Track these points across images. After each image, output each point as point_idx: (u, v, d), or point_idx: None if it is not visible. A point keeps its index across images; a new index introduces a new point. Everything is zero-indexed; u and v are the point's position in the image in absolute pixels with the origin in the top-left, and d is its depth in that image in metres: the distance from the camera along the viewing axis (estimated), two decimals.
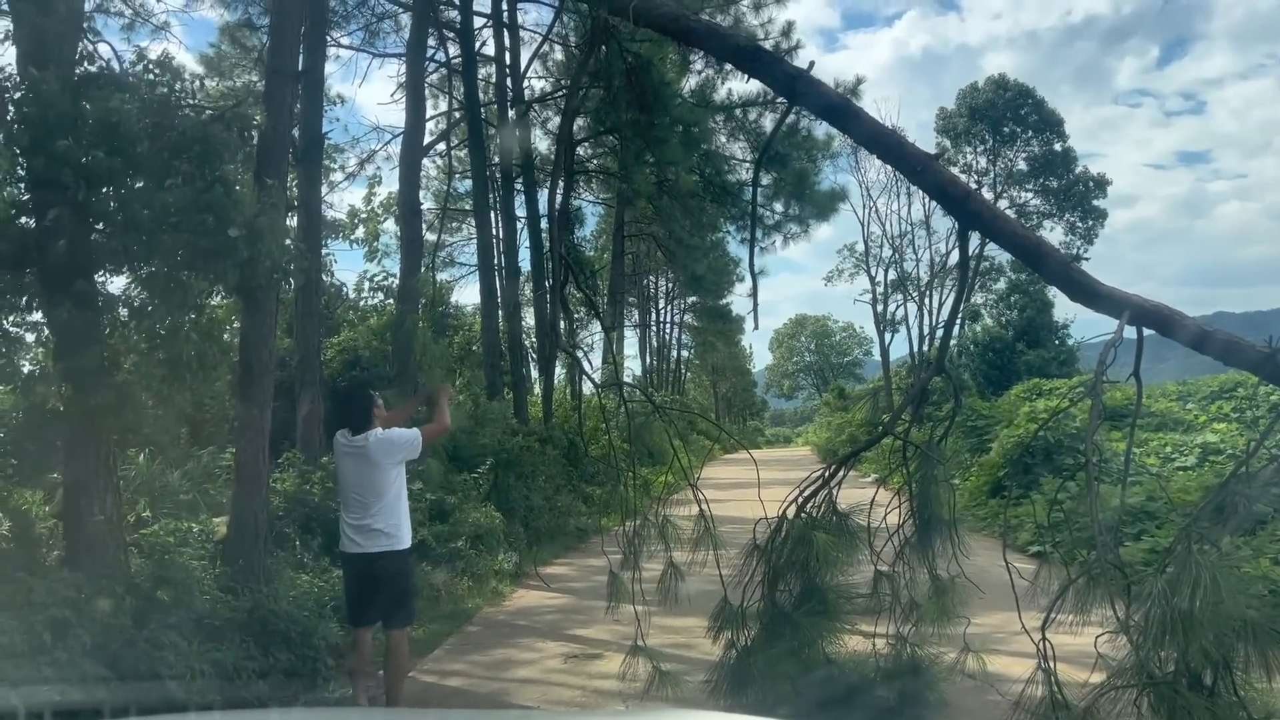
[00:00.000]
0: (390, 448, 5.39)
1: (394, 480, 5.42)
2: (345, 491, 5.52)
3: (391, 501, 5.38)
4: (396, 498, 5.43)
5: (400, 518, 5.44)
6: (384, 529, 5.34)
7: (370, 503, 5.35)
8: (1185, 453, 14.23)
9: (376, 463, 5.34)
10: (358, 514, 5.38)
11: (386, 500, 5.35)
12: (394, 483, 5.41)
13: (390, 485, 5.39)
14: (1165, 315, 3.48)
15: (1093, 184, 41.69)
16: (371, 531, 5.33)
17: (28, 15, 6.26)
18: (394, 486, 5.41)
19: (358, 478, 5.40)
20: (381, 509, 5.33)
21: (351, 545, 5.45)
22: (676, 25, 4.19)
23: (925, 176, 3.77)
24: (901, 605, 3.73)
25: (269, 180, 7.28)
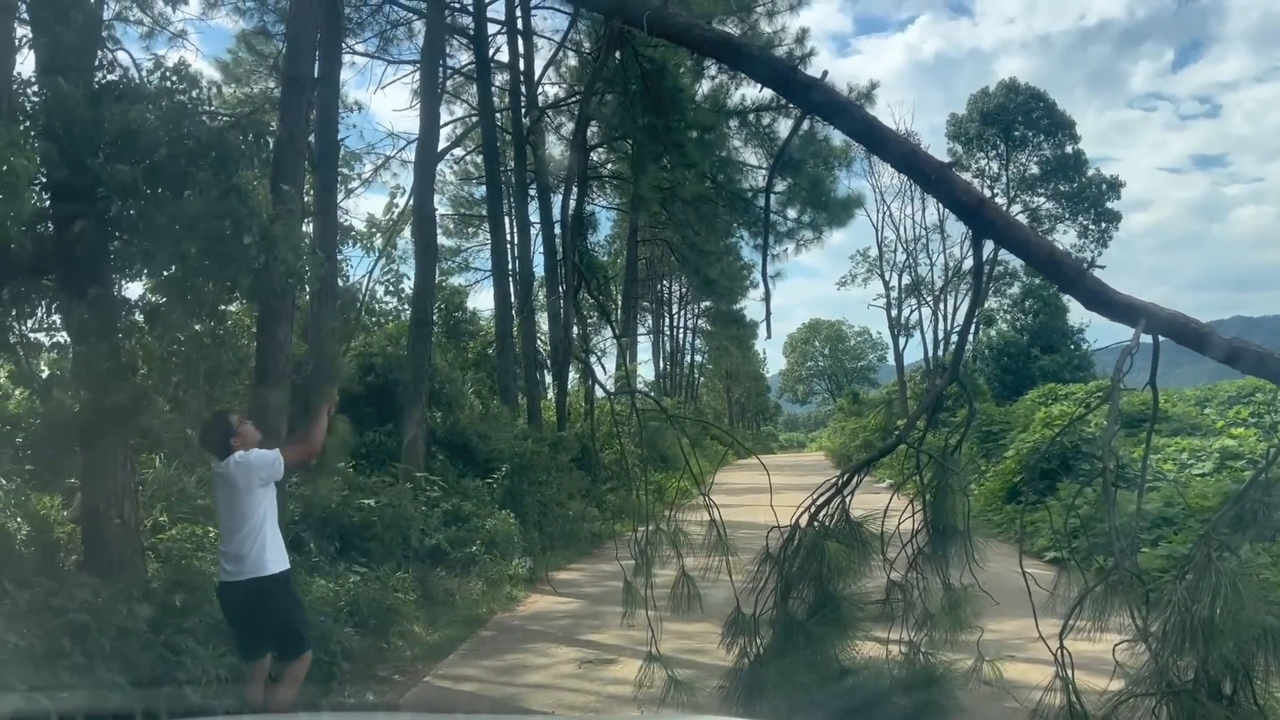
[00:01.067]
0: (247, 470, 5.19)
1: (258, 503, 5.21)
2: (219, 519, 5.47)
3: (256, 525, 5.18)
4: (263, 520, 5.22)
5: (265, 542, 5.19)
6: (249, 554, 5.13)
7: (236, 527, 5.18)
8: (1203, 458, 14.12)
9: (237, 486, 5.18)
10: (225, 539, 5.27)
11: (250, 524, 5.16)
12: (258, 506, 5.21)
13: (254, 509, 5.19)
14: (1181, 323, 3.46)
15: (1105, 186, 41.45)
16: (239, 557, 5.14)
17: (47, 24, 6.33)
18: (258, 510, 5.21)
19: (226, 504, 5.26)
20: (246, 533, 5.14)
21: (224, 573, 5.26)
22: (689, 35, 4.20)
23: (938, 184, 3.75)
24: (915, 614, 3.71)
25: (285, 187, 7.33)
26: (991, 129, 41.09)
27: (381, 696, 6.47)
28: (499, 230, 18.96)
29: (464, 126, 22.88)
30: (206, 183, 6.04)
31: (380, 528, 9.24)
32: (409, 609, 8.11)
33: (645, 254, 37.60)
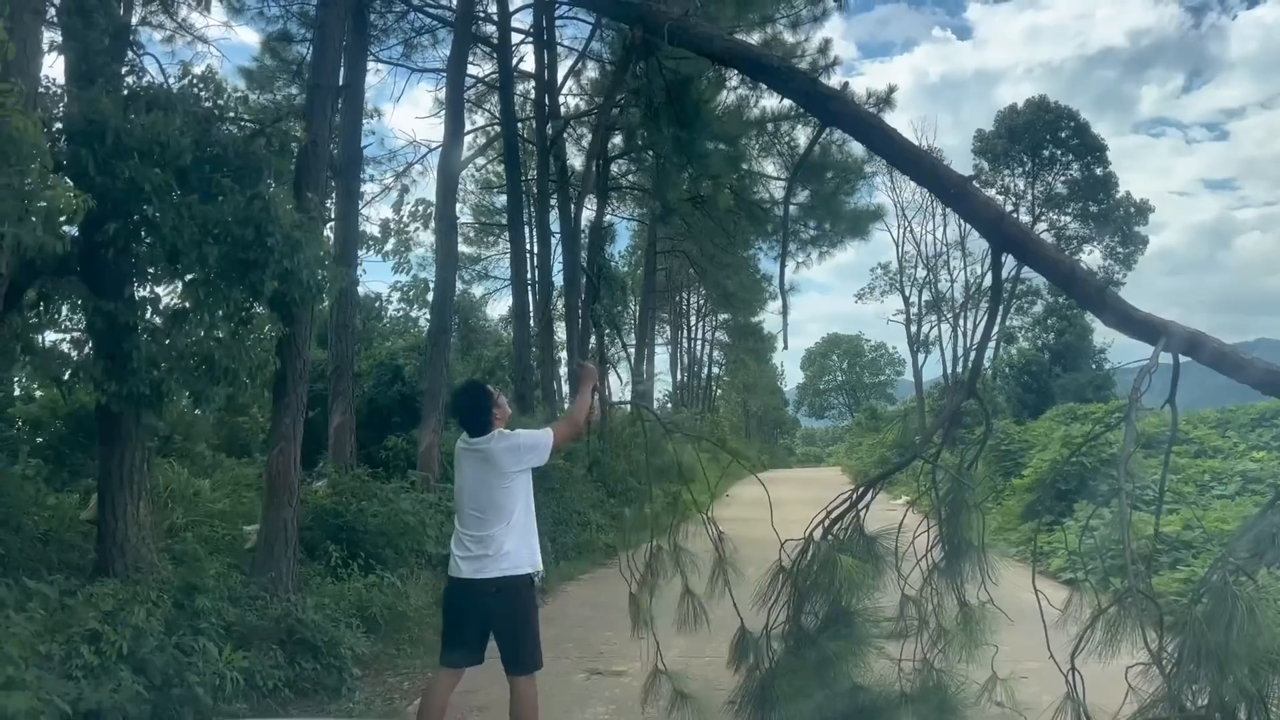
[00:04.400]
0: (515, 451, 4.64)
1: (519, 491, 4.67)
2: (462, 504, 4.76)
3: (515, 516, 4.63)
4: (523, 511, 4.69)
5: (522, 537, 4.65)
6: (502, 549, 4.56)
7: (490, 518, 4.61)
8: (1224, 481, 13.97)
9: (499, 469, 4.62)
10: (471, 530, 4.65)
11: (509, 515, 4.61)
12: (519, 494, 4.67)
13: (514, 497, 4.64)
14: (1201, 343, 3.43)
15: (1134, 209, 41.22)
16: (486, 554, 4.56)
17: (76, 29, 6.42)
18: (519, 498, 4.67)
19: (478, 488, 4.67)
20: (502, 526, 4.58)
21: (459, 568, 4.65)
22: (710, 46, 4.21)
23: (959, 199, 3.74)
24: (929, 631, 3.68)
25: (308, 194, 7.40)
26: (1018, 146, 40.97)
27: (390, 703, 6.47)
28: (519, 239, 19.02)
29: (485, 136, 23.00)
30: (231, 189, 6.12)
31: (394, 534, 9.26)
32: (421, 615, 8.12)
33: (664, 265, 37.64)
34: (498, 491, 4.61)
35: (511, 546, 4.57)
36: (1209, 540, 9.79)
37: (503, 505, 4.60)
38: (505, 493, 4.62)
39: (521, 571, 4.61)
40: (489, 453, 4.64)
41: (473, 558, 4.59)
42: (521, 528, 4.65)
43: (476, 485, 4.67)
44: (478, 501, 4.66)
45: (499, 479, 4.62)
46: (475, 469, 4.69)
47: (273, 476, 7.55)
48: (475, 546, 4.60)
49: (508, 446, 4.63)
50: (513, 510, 4.62)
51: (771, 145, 21.04)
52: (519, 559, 4.60)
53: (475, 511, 4.66)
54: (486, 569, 4.54)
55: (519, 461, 4.65)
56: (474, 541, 4.61)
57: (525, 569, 4.64)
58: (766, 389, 67.68)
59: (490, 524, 4.59)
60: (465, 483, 4.74)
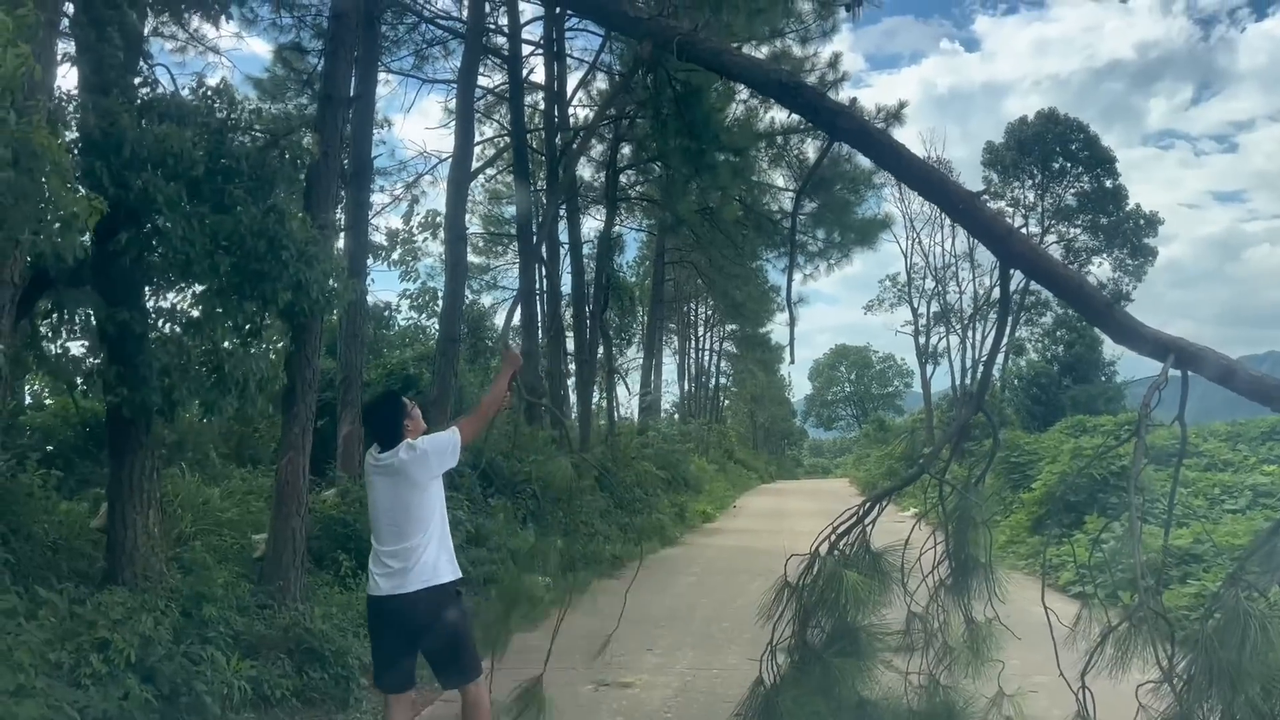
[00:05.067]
0: (424, 459, 4.52)
1: (434, 500, 4.60)
2: (378, 520, 4.65)
3: (433, 526, 4.56)
4: (440, 520, 4.62)
5: (440, 545, 4.58)
6: (422, 561, 4.47)
7: (407, 531, 4.51)
8: (1235, 495, 13.91)
9: (410, 480, 4.51)
10: (387, 544, 4.55)
11: (426, 526, 4.52)
12: (434, 503, 4.60)
13: (430, 507, 4.57)
14: (1211, 359, 3.42)
15: (1143, 221, 41.12)
16: (407, 567, 4.47)
17: (90, 40, 6.47)
18: (435, 508, 4.60)
19: (391, 502, 4.57)
20: (420, 537, 4.49)
21: (382, 585, 4.53)
22: (719, 60, 4.23)
23: (966, 214, 3.74)
24: (935, 648, 3.67)
25: (320, 207, 7.44)
26: (1028, 158, 40.92)
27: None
28: (528, 249, 19.07)
29: (494, 146, 23.09)
30: (244, 200, 6.15)
31: None
32: None
33: (672, 276, 37.69)
34: (413, 503, 4.53)
35: (430, 557, 4.50)
36: (1219, 555, 9.75)
37: (419, 516, 4.52)
38: (420, 504, 4.54)
39: (444, 580, 4.55)
40: (399, 465, 4.53)
41: (392, 573, 4.49)
42: (439, 536, 4.59)
43: (391, 500, 4.57)
44: (393, 516, 4.56)
45: (411, 490, 4.53)
46: (387, 484, 4.59)
47: (281, 485, 7.57)
48: (394, 561, 4.50)
49: (416, 456, 4.52)
50: (430, 520, 4.55)
51: (781, 157, 21.07)
52: (440, 568, 4.54)
53: (392, 526, 4.55)
54: (408, 583, 4.46)
55: (429, 469, 4.56)
56: (392, 557, 4.51)
57: (447, 577, 4.58)
58: (774, 400, 67.69)
59: (408, 536, 4.50)
60: (379, 499, 4.64)
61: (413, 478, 4.52)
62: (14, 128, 4.35)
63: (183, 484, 8.86)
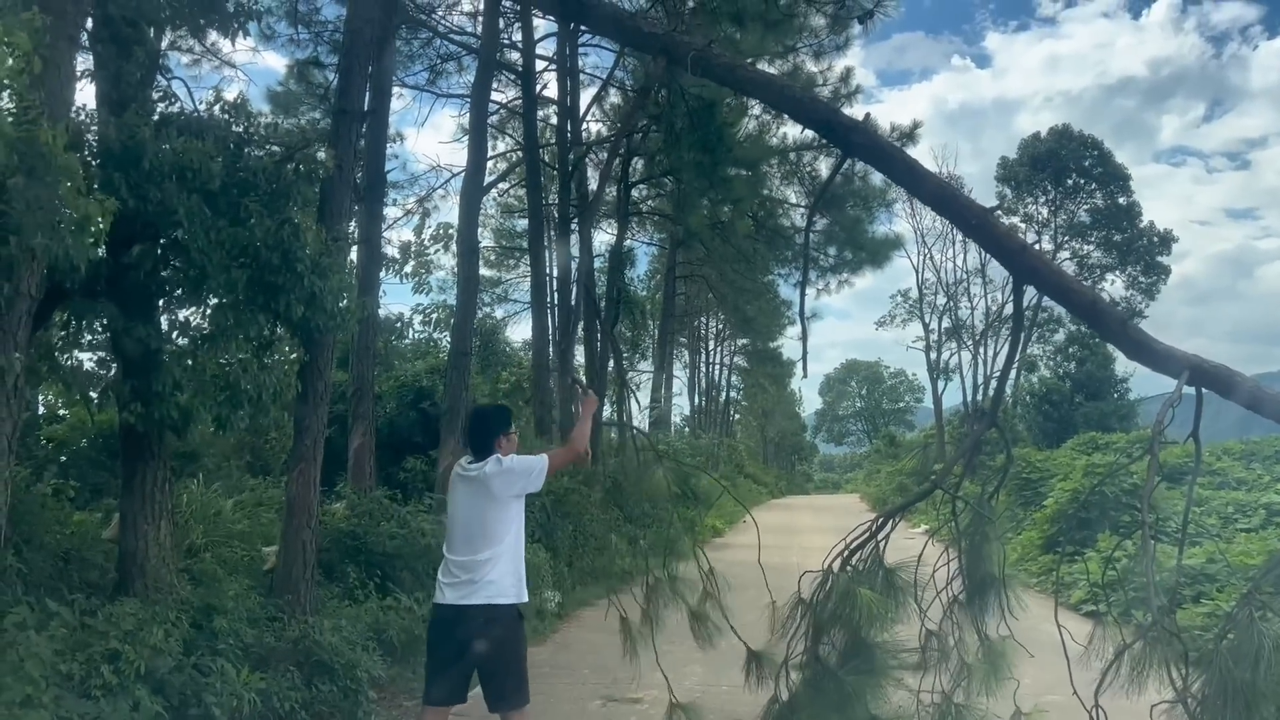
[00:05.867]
0: (509, 477, 4.59)
1: (512, 518, 4.64)
2: (453, 530, 4.73)
3: (506, 544, 4.58)
4: (515, 539, 4.65)
5: (511, 565, 4.61)
6: (489, 576, 4.50)
7: (480, 544, 4.55)
8: (1249, 513, 13.82)
9: (492, 495, 4.57)
10: (463, 554, 4.59)
11: (500, 542, 4.55)
12: (512, 521, 4.63)
13: (507, 525, 4.60)
14: (1225, 376, 3.40)
15: (1156, 239, 41.02)
16: (474, 580, 4.51)
17: (108, 55, 6.53)
18: (511, 526, 4.63)
19: (470, 513, 4.63)
20: (492, 552, 4.53)
21: (447, 594, 4.60)
22: (733, 76, 4.24)
23: (980, 230, 3.75)
24: (950, 666, 3.65)
25: (334, 220, 7.48)
26: (1042, 174, 40.91)
27: None
28: (539, 263, 19.14)
29: (507, 161, 23.20)
30: (260, 214, 6.20)
31: (412, 556, 9.27)
32: None
33: (683, 290, 37.73)
34: (490, 517, 4.57)
35: (498, 575, 4.52)
36: (1233, 574, 9.68)
37: (494, 532, 4.56)
38: (497, 519, 4.58)
39: (506, 600, 4.56)
40: (484, 477, 4.59)
41: (459, 584, 4.54)
42: (511, 556, 4.60)
43: (469, 511, 4.64)
44: (469, 528, 4.62)
45: (491, 504, 4.58)
46: (469, 494, 4.65)
47: (292, 498, 7.58)
48: (462, 573, 4.54)
49: (502, 471, 4.59)
50: (504, 537, 4.58)
51: (794, 173, 21.13)
52: (504, 588, 4.55)
53: (465, 537, 4.61)
54: (472, 595, 4.50)
55: (512, 486, 4.61)
56: (461, 568, 4.56)
57: (510, 599, 4.58)
58: (785, 414, 67.57)
59: (479, 550, 4.54)
60: (458, 509, 4.71)
61: (494, 492, 4.57)
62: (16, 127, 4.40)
63: (194, 495, 8.89)
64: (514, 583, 4.60)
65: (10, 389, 5.16)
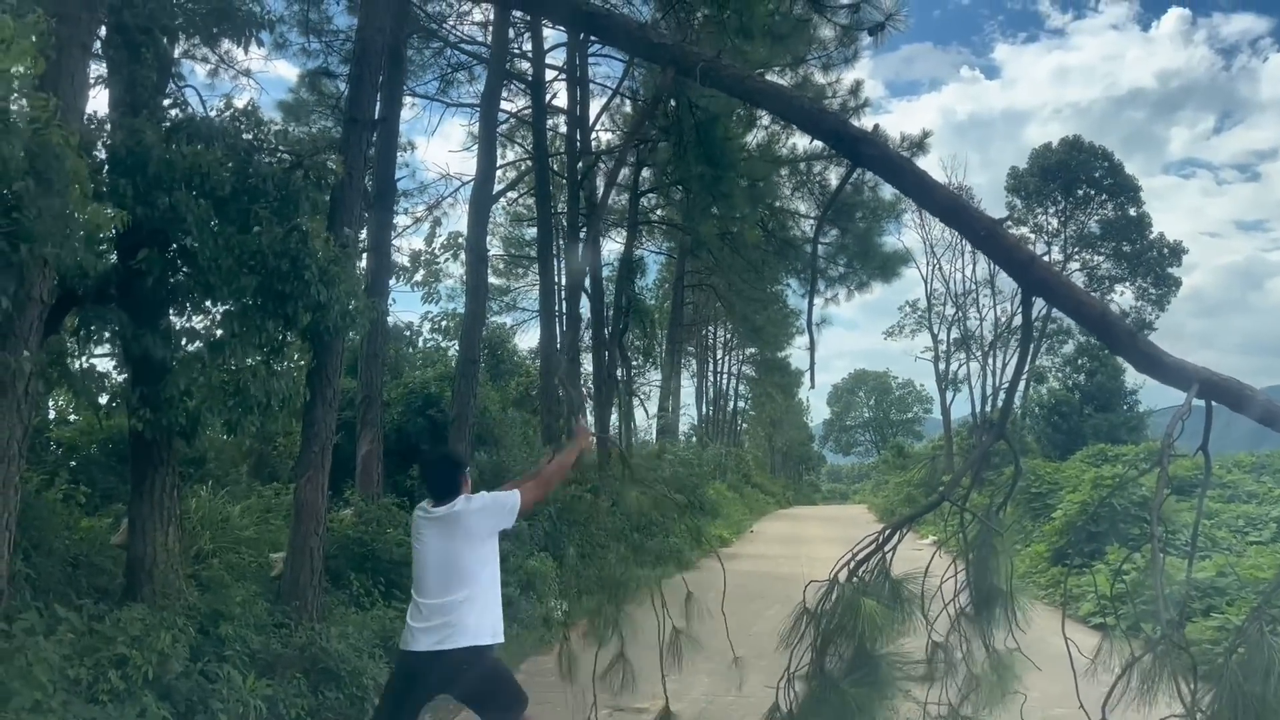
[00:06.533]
0: (480, 515, 4.47)
1: (487, 558, 4.50)
2: (424, 573, 4.52)
3: (481, 584, 4.44)
4: (490, 578, 4.51)
5: (487, 605, 4.45)
6: (464, 620, 4.34)
7: (453, 585, 4.38)
8: (1259, 526, 13.75)
9: (466, 534, 4.44)
10: (430, 598, 4.41)
11: (474, 583, 4.40)
12: (487, 560, 4.49)
13: (481, 564, 4.46)
14: (1235, 389, 3.39)
15: (1166, 250, 40.90)
16: (448, 623, 4.34)
17: (122, 62, 6.58)
18: (486, 565, 4.49)
19: (440, 556, 4.46)
20: (467, 594, 4.36)
21: (416, 639, 4.39)
22: (742, 87, 4.25)
23: (989, 241, 3.74)
24: (956, 677, 3.63)
25: (344, 227, 7.51)
26: (1052, 184, 40.84)
27: None
28: (548, 271, 19.18)
29: (516, 170, 23.27)
30: (269, 221, 6.22)
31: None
32: None
33: (691, 299, 37.75)
34: (465, 557, 4.42)
35: (476, 616, 4.38)
36: (1243, 588, 9.63)
37: (470, 571, 4.41)
38: (473, 558, 4.44)
39: (484, 643, 4.41)
40: (455, 517, 4.46)
41: (434, 628, 4.35)
42: (486, 596, 4.46)
43: (442, 552, 4.46)
44: (443, 569, 4.43)
45: (466, 544, 4.44)
46: (439, 535, 4.49)
47: (300, 504, 7.60)
48: (437, 616, 4.36)
49: (475, 509, 4.48)
50: (480, 576, 4.45)
51: (804, 184, 21.15)
52: (484, 628, 4.41)
53: (440, 580, 4.43)
54: (450, 639, 4.32)
55: (485, 524, 4.49)
56: (436, 611, 4.37)
57: (488, 640, 4.43)
58: (792, 424, 67.45)
59: (455, 591, 4.37)
60: (428, 551, 4.52)
61: (469, 529, 4.45)
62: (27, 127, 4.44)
63: (203, 501, 8.91)
64: (492, 622, 4.47)
65: (21, 394, 5.18)
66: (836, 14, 11.19)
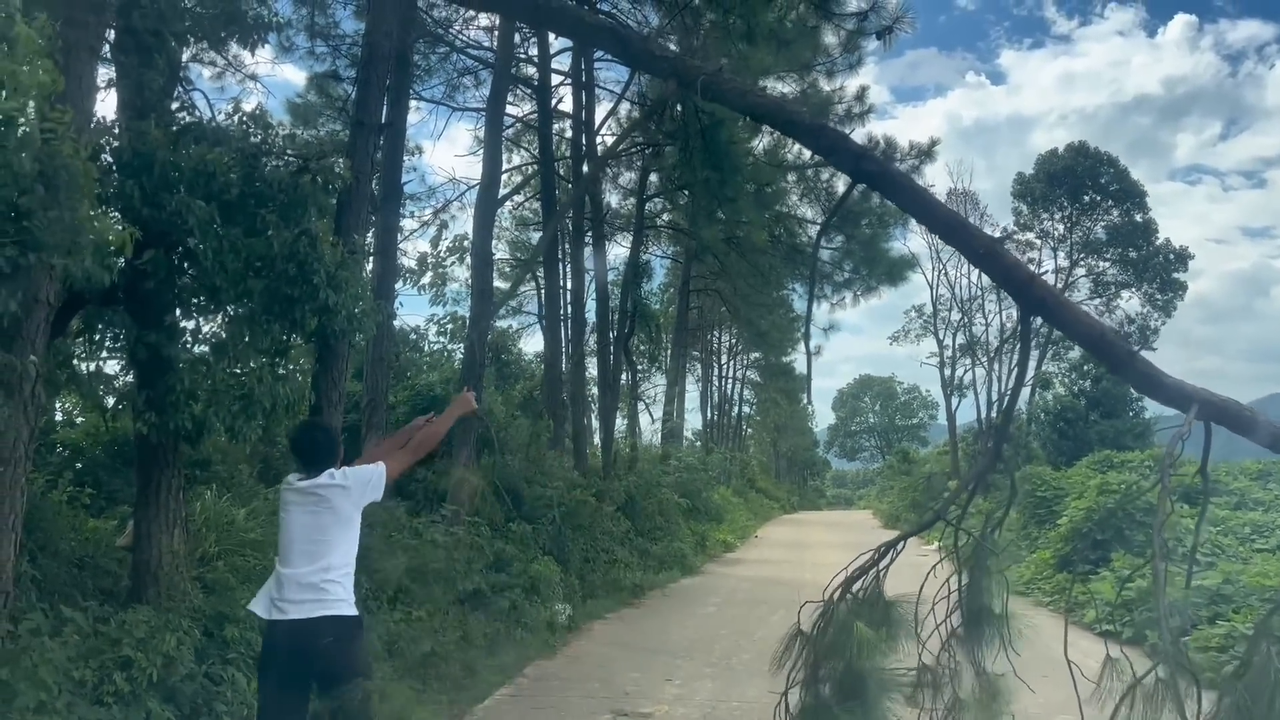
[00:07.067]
0: (346, 489, 4.50)
1: (353, 531, 4.56)
2: (290, 545, 4.49)
3: (344, 556, 4.47)
4: (352, 553, 4.55)
5: (348, 577, 4.50)
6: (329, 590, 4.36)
7: (317, 554, 4.40)
8: (1265, 534, 13.71)
9: (332, 507, 4.47)
10: (303, 567, 4.40)
11: (338, 554, 4.44)
12: (350, 533, 4.54)
13: (345, 537, 4.51)
14: (1235, 411, 3.39)
15: (1173, 256, 40.81)
16: (313, 590, 4.35)
17: (130, 66, 6.63)
18: (349, 538, 4.54)
19: (309, 527, 4.47)
20: (330, 564, 4.39)
21: (287, 609, 4.35)
22: (742, 101, 4.26)
23: (989, 260, 3.73)
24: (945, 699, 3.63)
25: (351, 232, 7.54)
26: (1058, 190, 40.78)
27: None
28: (553, 275, 19.20)
29: (522, 174, 23.29)
30: (276, 224, 6.25)
31: (422, 569, 9.31)
32: (447, 651, 8.14)
33: (696, 304, 37.73)
34: (332, 530, 4.45)
35: (340, 590, 4.41)
36: (1249, 595, 9.62)
37: (337, 544, 4.45)
38: (340, 532, 4.47)
39: (350, 612, 4.45)
40: (324, 490, 4.48)
41: (298, 601, 4.35)
42: (349, 568, 4.50)
43: (309, 526, 4.47)
44: (309, 542, 4.44)
45: (333, 518, 4.47)
46: (305, 508, 4.51)
47: None
48: (300, 589, 4.36)
49: (340, 484, 4.50)
50: (347, 549, 4.49)
51: (811, 190, 21.15)
52: (346, 601, 4.43)
53: (305, 551, 4.43)
54: (317, 609, 4.33)
55: (350, 500, 4.51)
56: (299, 582, 4.37)
57: (351, 610, 4.46)
58: (797, 429, 67.35)
59: (320, 561, 4.39)
60: (294, 524, 4.51)
61: (335, 506, 4.48)
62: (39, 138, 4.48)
63: (208, 504, 8.94)
64: (348, 594, 4.47)
65: (28, 396, 5.22)
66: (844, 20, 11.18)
